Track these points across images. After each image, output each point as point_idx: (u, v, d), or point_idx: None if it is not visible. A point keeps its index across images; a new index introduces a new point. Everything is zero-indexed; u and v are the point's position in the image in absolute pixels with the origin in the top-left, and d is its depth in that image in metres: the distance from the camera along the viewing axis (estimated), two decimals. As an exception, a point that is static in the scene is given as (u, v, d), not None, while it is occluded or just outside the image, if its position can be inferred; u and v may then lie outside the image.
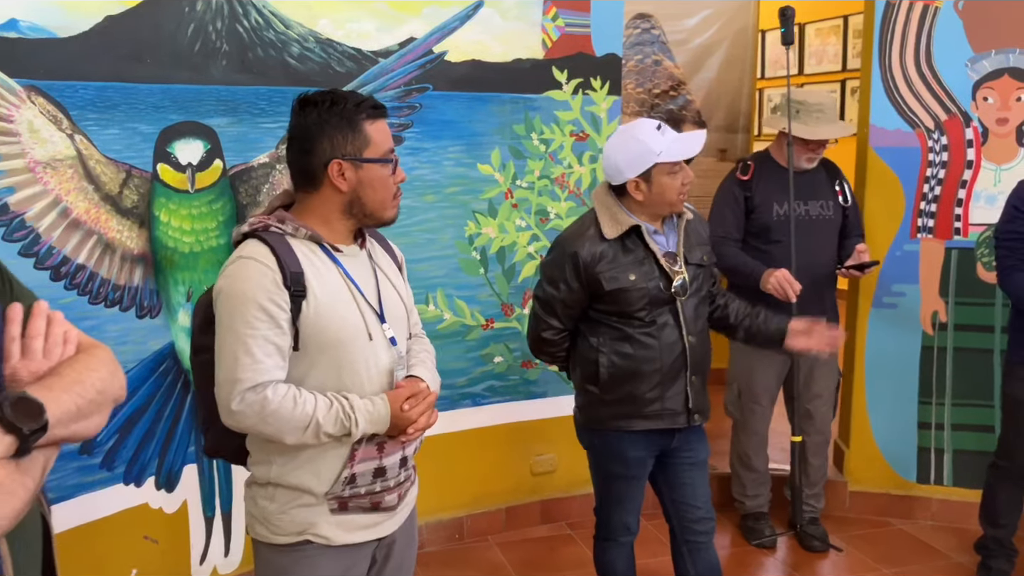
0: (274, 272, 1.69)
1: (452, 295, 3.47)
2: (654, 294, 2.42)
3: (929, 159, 3.68)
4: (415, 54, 3.25)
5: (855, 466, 3.92)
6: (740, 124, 5.40)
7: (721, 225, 3.43)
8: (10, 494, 1.04)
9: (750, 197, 3.45)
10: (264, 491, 1.81)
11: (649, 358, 2.45)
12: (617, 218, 2.43)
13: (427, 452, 3.30)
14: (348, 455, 1.76)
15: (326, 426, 1.70)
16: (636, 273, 2.42)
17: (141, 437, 2.82)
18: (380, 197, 1.80)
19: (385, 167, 1.79)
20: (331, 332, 1.74)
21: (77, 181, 2.62)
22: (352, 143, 1.75)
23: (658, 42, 5.24)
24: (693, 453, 2.61)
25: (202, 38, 2.84)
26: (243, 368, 1.68)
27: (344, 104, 1.75)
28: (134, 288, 2.78)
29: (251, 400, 1.68)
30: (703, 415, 2.58)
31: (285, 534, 1.79)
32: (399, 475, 1.86)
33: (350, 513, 1.80)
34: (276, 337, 1.69)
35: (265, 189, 2.99)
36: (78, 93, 2.60)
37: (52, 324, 1.21)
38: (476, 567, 3.47)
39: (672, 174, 2.40)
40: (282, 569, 1.82)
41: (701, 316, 2.54)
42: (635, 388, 2.47)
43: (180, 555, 2.99)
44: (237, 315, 1.69)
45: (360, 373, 1.77)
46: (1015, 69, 3.58)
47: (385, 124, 1.82)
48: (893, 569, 3.43)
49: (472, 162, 3.43)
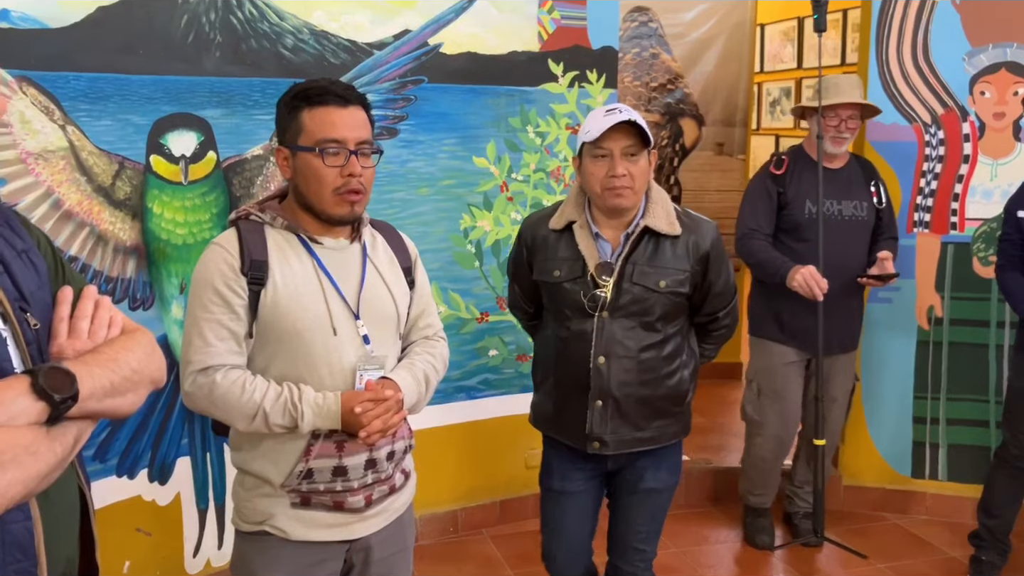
0: (233, 258, 1.70)
1: (447, 288, 3.46)
2: (575, 299, 2.22)
3: (926, 153, 3.68)
4: (410, 46, 3.24)
5: (850, 460, 3.92)
6: (737, 118, 5.39)
7: (752, 218, 3.36)
8: (34, 456, 1.08)
9: (783, 192, 3.36)
10: (238, 477, 1.84)
11: (552, 366, 2.32)
12: (566, 210, 2.27)
13: (421, 446, 3.30)
14: (304, 449, 1.74)
15: (273, 416, 1.69)
16: (564, 271, 2.24)
17: (134, 429, 2.82)
18: (313, 189, 1.72)
19: (315, 157, 1.69)
20: (288, 322, 1.71)
21: (69, 172, 2.61)
22: (291, 130, 1.74)
23: (655, 35, 5.23)
24: (639, 480, 2.35)
25: (195, 29, 2.82)
26: (195, 350, 1.70)
27: (296, 91, 1.75)
28: (127, 280, 2.77)
29: (201, 383, 1.69)
30: (614, 446, 2.26)
31: (248, 522, 1.80)
32: (365, 477, 1.79)
33: (311, 509, 1.77)
34: (230, 322, 1.70)
35: (259, 181, 2.98)
36: (70, 84, 2.59)
37: (99, 308, 1.27)
38: (470, 560, 3.47)
39: (594, 158, 2.15)
40: (246, 558, 1.82)
41: (637, 344, 2.22)
42: (547, 393, 2.36)
43: (173, 548, 2.99)
44: (195, 298, 1.72)
45: (319, 367, 1.73)
46: (1012, 63, 3.57)
47: (335, 112, 1.71)
48: (887, 563, 3.43)
49: (467, 155, 3.42)
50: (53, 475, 1.13)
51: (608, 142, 2.13)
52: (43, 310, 1.22)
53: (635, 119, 2.12)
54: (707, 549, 3.59)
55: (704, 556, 3.53)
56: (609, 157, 2.14)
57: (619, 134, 2.12)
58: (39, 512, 1.16)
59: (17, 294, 1.19)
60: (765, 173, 3.43)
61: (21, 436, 1.07)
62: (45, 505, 1.17)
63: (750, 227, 3.34)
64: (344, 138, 1.71)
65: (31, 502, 1.14)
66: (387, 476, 1.85)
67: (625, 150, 2.13)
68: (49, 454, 1.11)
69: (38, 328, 1.20)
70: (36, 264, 1.25)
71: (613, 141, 2.13)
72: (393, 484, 1.88)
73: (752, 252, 3.32)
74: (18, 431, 1.07)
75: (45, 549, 1.16)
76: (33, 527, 1.15)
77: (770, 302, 3.41)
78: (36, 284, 1.23)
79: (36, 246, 1.27)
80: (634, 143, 2.14)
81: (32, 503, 1.14)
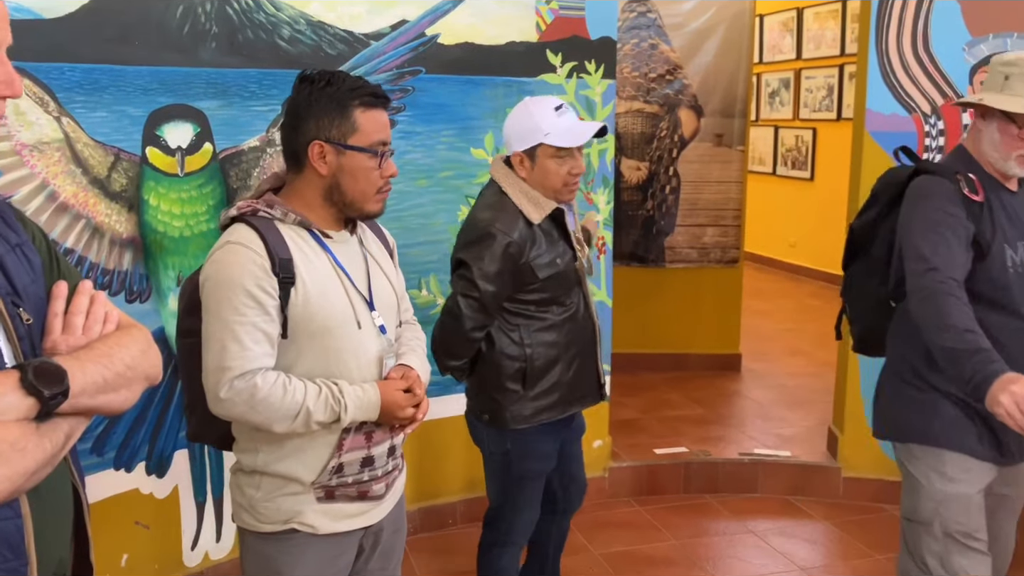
0: (262, 258, 1.66)
1: (445, 280, 3.44)
2: (570, 275, 2.38)
3: (926, 144, 3.66)
4: (407, 36, 3.22)
5: (849, 452, 3.91)
6: (737, 109, 5.36)
7: (945, 257, 2.10)
8: (21, 452, 1.07)
9: (979, 232, 2.15)
10: (250, 479, 1.80)
11: (569, 343, 2.41)
12: (538, 201, 2.33)
13: (420, 439, 3.30)
14: (336, 444, 1.75)
15: (316, 414, 1.69)
16: (561, 255, 2.36)
17: (131, 422, 2.81)
18: (361, 188, 1.75)
19: (371, 159, 1.74)
20: (320, 320, 1.72)
21: (64, 164, 2.60)
22: (338, 127, 1.72)
23: (654, 26, 5.21)
24: (579, 425, 2.67)
25: (191, 20, 2.80)
26: (231, 356, 1.66)
27: (339, 86, 1.72)
28: (123, 273, 2.76)
29: (239, 388, 1.66)
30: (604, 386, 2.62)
31: (271, 522, 1.78)
32: (387, 464, 1.85)
33: (337, 502, 1.79)
34: (264, 324, 1.67)
35: (256, 173, 2.97)
36: (65, 75, 2.57)
37: (95, 303, 1.26)
38: (469, 553, 3.44)
39: (557, 158, 2.29)
40: (268, 557, 1.80)
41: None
42: (559, 376, 2.41)
43: (171, 541, 2.98)
44: (225, 302, 1.67)
45: (348, 361, 1.75)
46: (1013, 53, 3.54)
47: (381, 115, 1.77)
48: (885, 555, 3.43)
49: (465, 146, 3.41)
50: (43, 472, 1.12)
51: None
52: (37, 305, 1.21)
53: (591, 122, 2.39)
54: (706, 541, 3.59)
55: (703, 548, 3.53)
56: (570, 156, 2.32)
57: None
58: (29, 510, 1.14)
59: (9, 288, 1.17)
60: (951, 193, 2.17)
61: (8, 432, 1.06)
62: (36, 503, 1.15)
63: (934, 266, 2.09)
64: (388, 140, 1.78)
65: (21, 499, 1.13)
66: (398, 460, 1.91)
67: (580, 147, 2.33)
68: (38, 450, 1.09)
69: (31, 323, 1.18)
70: (30, 259, 1.23)
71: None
72: (399, 467, 1.94)
73: (943, 314, 2.05)
74: (5, 427, 1.06)
75: (35, 548, 1.15)
76: (23, 525, 1.13)
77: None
78: (30, 279, 1.21)
79: (31, 240, 1.26)
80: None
81: (22, 500, 1.13)
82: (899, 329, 2.35)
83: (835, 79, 8.02)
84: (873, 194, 2.47)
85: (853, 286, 2.50)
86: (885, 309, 2.42)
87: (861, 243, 2.46)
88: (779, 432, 4.44)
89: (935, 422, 2.23)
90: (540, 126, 2.27)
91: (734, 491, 3.98)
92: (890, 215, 2.35)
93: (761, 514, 3.81)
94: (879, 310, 2.43)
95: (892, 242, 2.33)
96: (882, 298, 2.41)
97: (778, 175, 8.89)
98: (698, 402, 4.86)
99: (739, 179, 5.43)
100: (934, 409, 2.24)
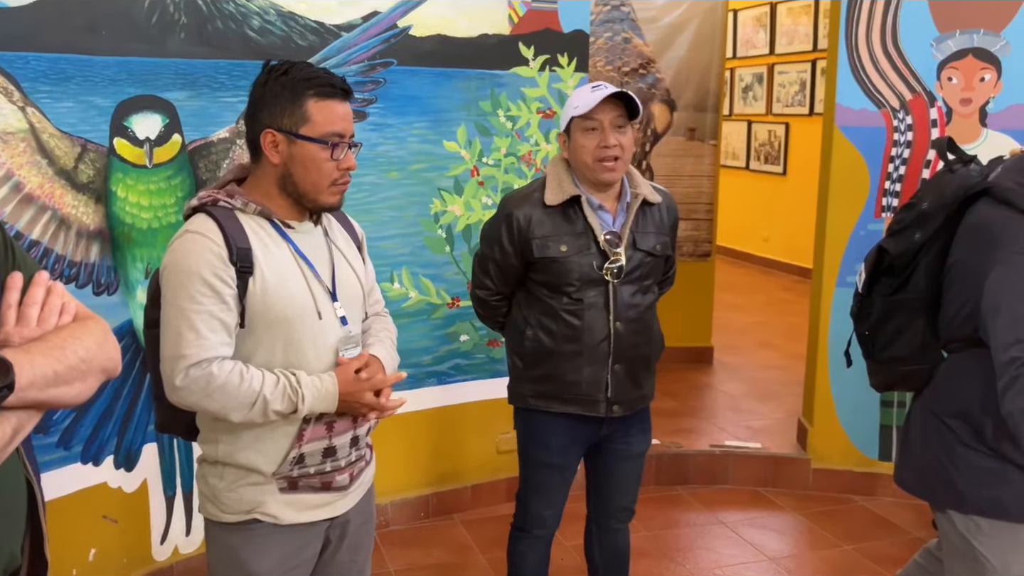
0: (220, 247, 1.66)
1: (417, 273, 3.45)
2: (585, 271, 2.30)
3: (894, 139, 3.70)
4: (379, 28, 3.20)
5: (818, 443, 3.96)
6: (709, 103, 5.39)
7: None
8: None
9: None
10: (213, 469, 1.80)
11: (571, 338, 2.34)
12: (563, 186, 2.32)
13: (393, 431, 3.30)
14: (296, 434, 1.74)
15: (273, 403, 1.68)
16: (570, 245, 2.30)
17: (99, 415, 2.78)
18: (312, 179, 1.73)
19: (323, 149, 1.71)
20: (278, 310, 1.71)
21: (30, 155, 2.56)
22: (290, 116, 1.70)
23: (628, 19, 5.22)
24: (628, 446, 2.49)
25: (160, 10, 2.77)
26: (187, 344, 1.65)
27: (295, 75, 1.71)
28: (91, 265, 2.73)
29: (195, 376, 1.66)
30: (624, 406, 2.40)
31: (233, 512, 1.78)
32: (350, 455, 1.84)
33: (300, 492, 1.78)
34: (221, 313, 1.67)
35: (225, 164, 2.94)
36: (30, 64, 2.54)
37: (51, 294, 1.22)
38: (442, 545, 3.47)
39: (585, 131, 2.26)
40: (231, 548, 1.80)
41: (639, 305, 2.36)
42: (555, 368, 2.38)
43: (140, 535, 2.96)
44: (182, 290, 1.66)
45: (307, 352, 1.75)
46: (979, 49, 3.59)
47: (339, 106, 1.74)
48: (854, 545, 3.48)
49: (438, 139, 3.40)
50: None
51: (598, 114, 2.24)
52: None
53: (623, 91, 2.25)
54: (677, 532, 3.62)
55: (673, 539, 3.55)
56: (600, 129, 2.25)
57: (608, 106, 2.24)
58: None
59: None
60: None
61: None
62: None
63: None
64: (346, 132, 1.75)
65: None
66: (363, 451, 1.90)
67: (614, 121, 2.25)
68: None
69: None
70: None
71: (603, 113, 2.24)
72: (366, 458, 1.92)
73: None
74: None
75: None
76: None
77: None
78: None
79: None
80: (622, 114, 2.26)
81: None
82: (961, 388, 1.95)
83: (808, 74, 8.07)
84: (921, 212, 1.99)
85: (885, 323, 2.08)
86: (931, 354, 2.04)
87: (899, 269, 2.02)
88: (749, 424, 4.48)
89: (1007, 492, 1.89)
90: (573, 102, 2.29)
91: (705, 482, 4.00)
92: (938, 238, 1.95)
93: (731, 505, 3.84)
94: (923, 356, 2.04)
95: (937, 273, 1.96)
96: (928, 342, 2.02)
97: (751, 169, 8.95)
98: (670, 395, 4.88)
99: (711, 173, 5.46)
100: (1005, 479, 1.89)
